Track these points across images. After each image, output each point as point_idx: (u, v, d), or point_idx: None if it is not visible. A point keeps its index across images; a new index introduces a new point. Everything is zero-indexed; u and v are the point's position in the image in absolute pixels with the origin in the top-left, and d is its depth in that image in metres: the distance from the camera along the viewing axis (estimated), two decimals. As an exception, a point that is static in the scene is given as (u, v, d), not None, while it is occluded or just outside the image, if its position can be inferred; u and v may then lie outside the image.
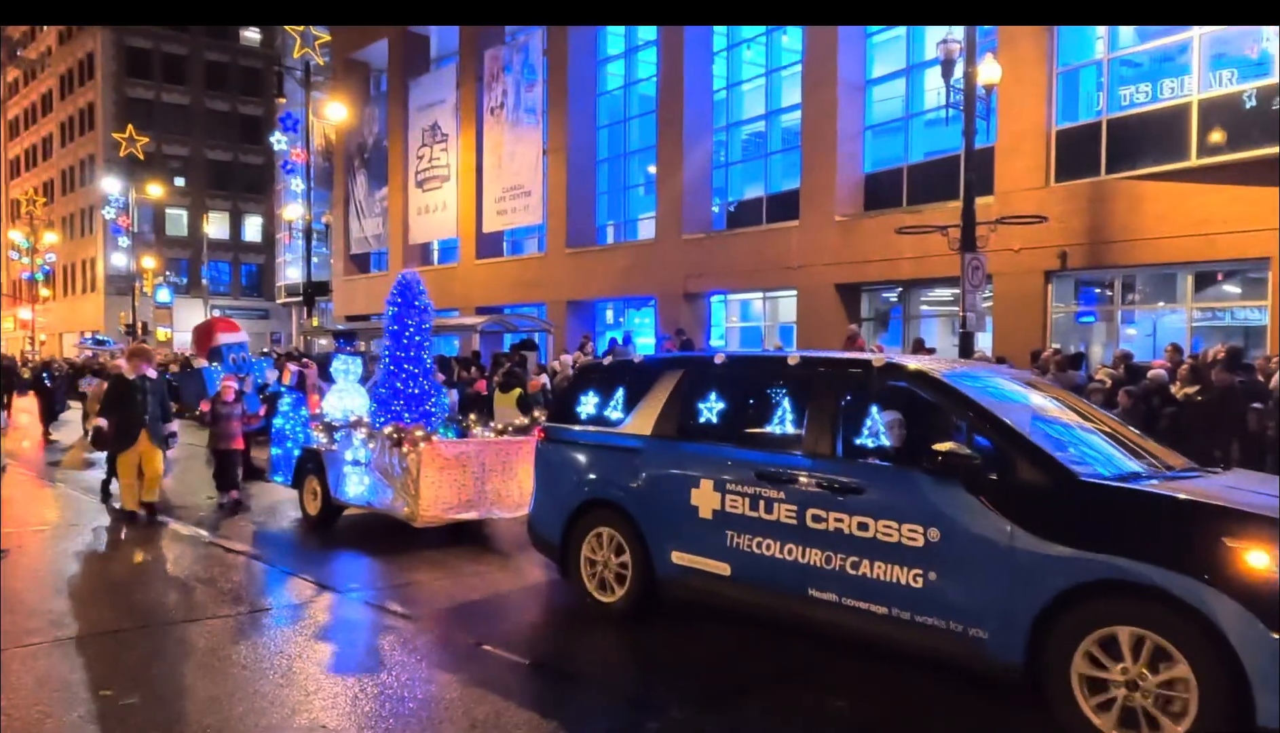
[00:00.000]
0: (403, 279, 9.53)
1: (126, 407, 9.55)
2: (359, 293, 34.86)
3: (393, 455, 8.40)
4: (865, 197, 19.57)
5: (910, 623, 4.76)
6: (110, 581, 7.55)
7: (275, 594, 7.22)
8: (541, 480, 6.89)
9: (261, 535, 9.30)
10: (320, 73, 35.05)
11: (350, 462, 8.98)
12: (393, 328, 9.29)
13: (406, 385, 9.16)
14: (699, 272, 22.06)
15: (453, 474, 8.29)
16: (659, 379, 6.27)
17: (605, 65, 26.29)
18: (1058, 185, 15.91)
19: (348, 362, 10.30)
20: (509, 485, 8.60)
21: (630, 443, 6.20)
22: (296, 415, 10.00)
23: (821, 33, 19.31)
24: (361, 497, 8.92)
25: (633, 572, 6.08)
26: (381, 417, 9.02)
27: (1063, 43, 16.15)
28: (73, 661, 5.44)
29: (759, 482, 5.43)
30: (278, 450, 10.17)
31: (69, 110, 60.61)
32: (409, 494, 8.26)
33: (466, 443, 8.61)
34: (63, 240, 59.37)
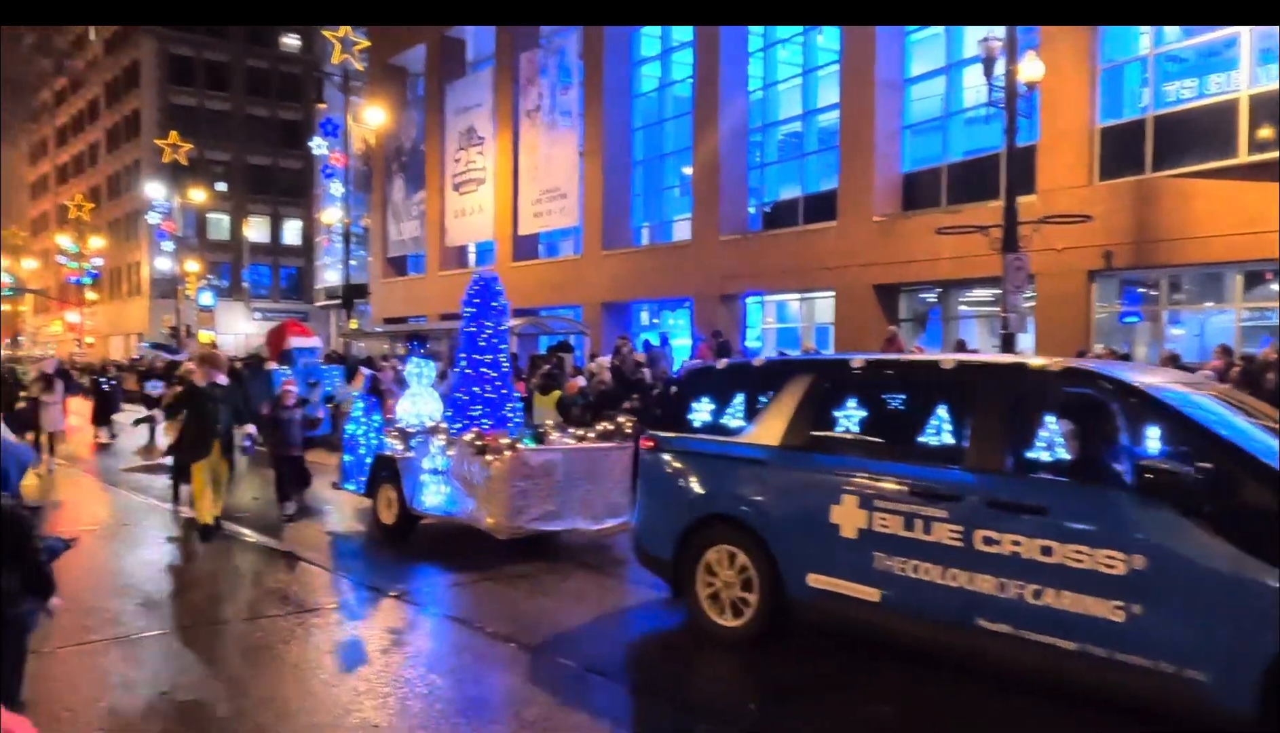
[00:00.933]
0: (480, 279, 9.12)
1: (199, 415, 9.08)
2: (397, 295, 35.21)
3: (474, 464, 8.01)
4: (904, 196, 19.41)
5: (1107, 662, 4.23)
6: (168, 582, 7.70)
7: (344, 602, 7.04)
8: (650, 493, 6.40)
9: (330, 544, 9.02)
10: (359, 78, 35.51)
11: (429, 470, 8.57)
12: (470, 330, 8.91)
13: (484, 389, 8.78)
14: (735, 273, 22.01)
15: (537, 484, 7.91)
16: (785, 384, 5.76)
17: (640, 67, 26.33)
18: (1101, 184, 15.67)
19: (421, 365, 9.92)
20: (593, 495, 8.21)
21: (755, 454, 5.70)
22: (369, 421, 9.59)
23: (859, 32, 19.19)
24: (440, 507, 8.53)
25: (759, 594, 5.56)
26: (459, 422, 8.65)
27: (1106, 39, 15.90)
28: (132, 658, 5.56)
29: (914, 499, 4.90)
30: (349, 458, 9.73)
31: (115, 118, 61.90)
32: (492, 504, 7.87)
33: (551, 451, 8.21)
34: (109, 245, 60.64)
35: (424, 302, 33.18)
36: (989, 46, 13.18)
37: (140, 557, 8.41)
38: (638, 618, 6.68)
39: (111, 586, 7.30)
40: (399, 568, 8.00)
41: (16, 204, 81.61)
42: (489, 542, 8.10)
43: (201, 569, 8.09)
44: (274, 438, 10.32)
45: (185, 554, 8.66)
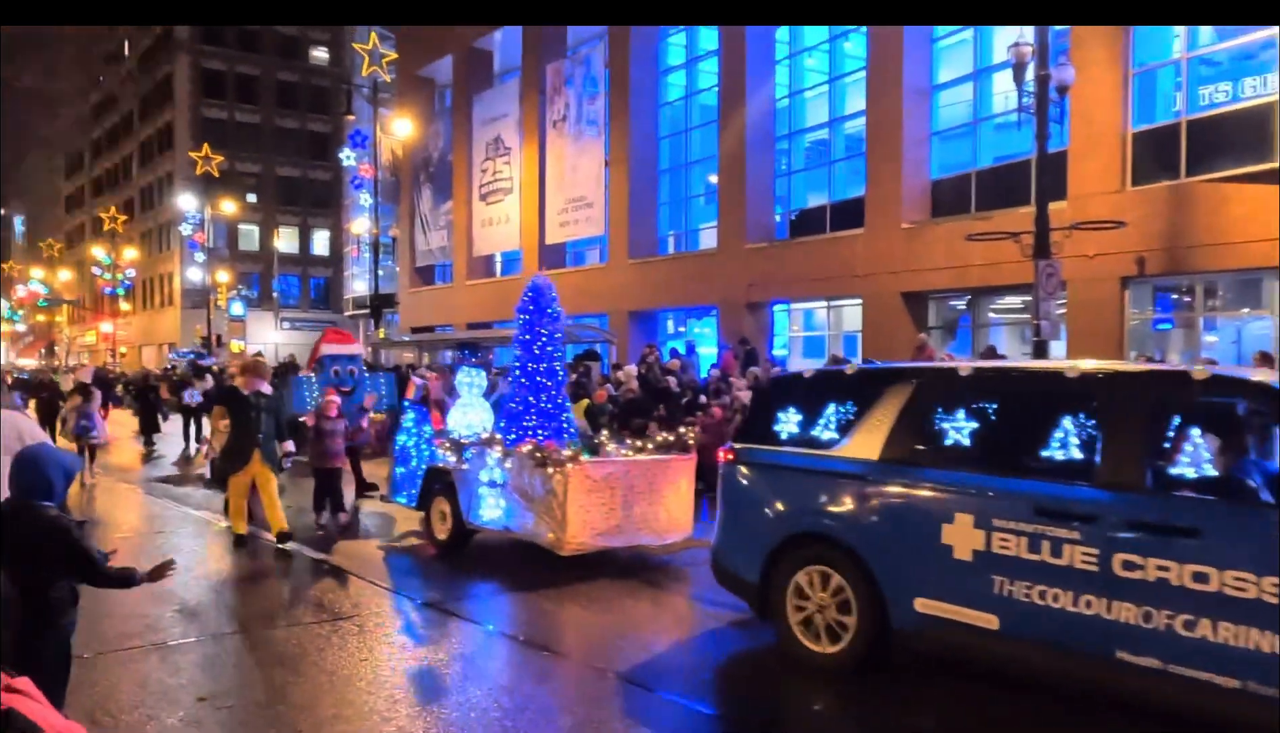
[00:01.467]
0: (535, 284, 8.83)
1: (240, 425, 8.93)
2: (424, 305, 35.47)
3: (534, 477, 7.73)
4: (932, 203, 19.29)
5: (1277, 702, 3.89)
6: (205, 590, 7.78)
7: (390, 615, 6.90)
8: (732, 509, 6.05)
9: (379, 558, 8.75)
10: (387, 90, 35.88)
11: (486, 483, 8.29)
12: (524, 337, 8.62)
13: (539, 399, 8.47)
14: (761, 281, 21.96)
15: (600, 497, 7.63)
16: (883, 393, 5.40)
17: (666, 76, 26.41)
18: (1134, 189, 15.48)
19: (472, 374, 9.65)
20: (656, 509, 7.93)
21: (852, 468, 5.35)
22: (420, 432, 9.32)
23: (886, 38, 19.13)
24: (498, 521, 8.25)
25: (858, 619, 5.21)
26: (513, 433, 8.37)
27: (1138, 43, 15.74)
28: (170, 665, 5.62)
29: (1039, 518, 4.53)
30: (401, 469, 9.45)
31: (148, 131, 62.93)
32: (554, 519, 7.57)
33: (614, 463, 7.94)
34: (142, 256, 61.59)
35: (451, 311, 33.40)
36: (1019, 52, 13.07)
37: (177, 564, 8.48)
38: (713, 639, 6.33)
39: (148, 593, 7.36)
40: (453, 583, 7.79)
41: (53, 217, 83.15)
42: (548, 558, 7.84)
43: (241, 578, 8.14)
44: (315, 449, 10.13)
45: (224, 563, 8.74)
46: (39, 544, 3.54)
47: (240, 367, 9.48)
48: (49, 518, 3.59)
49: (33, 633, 3.42)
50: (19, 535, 3.52)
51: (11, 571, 3.46)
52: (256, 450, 8.80)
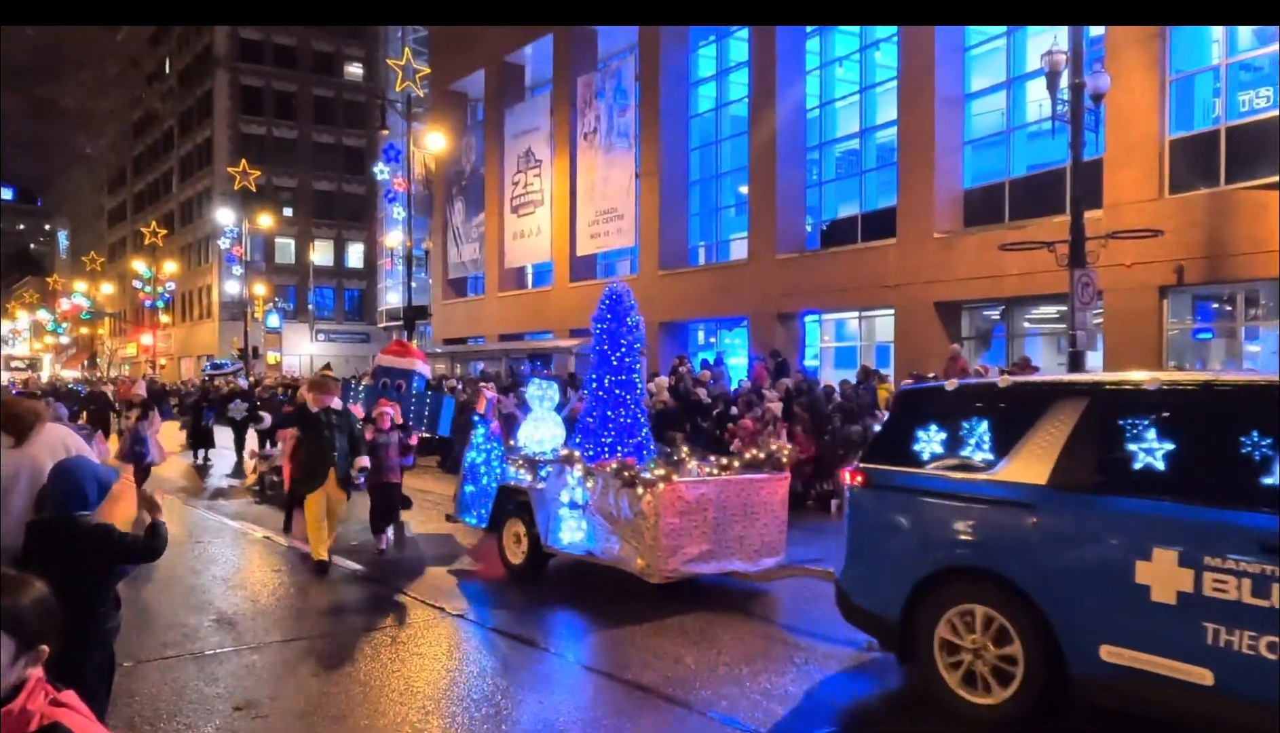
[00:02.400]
0: (612, 291, 8.42)
1: (312, 444, 8.56)
2: (457, 316, 35.76)
3: (621, 497, 7.21)
4: (965, 212, 19.15)
5: None
6: (243, 600, 7.89)
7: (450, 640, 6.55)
8: (865, 539, 5.51)
9: (444, 582, 8.26)
10: (420, 105, 36.29)
11: (566, 504, 7.76)
12: (602, 347, 8.21)
13: (618, 414, 8.02)
14: (792, 291, 21.89)
15: (693, 520, 7.12)
16: (1049, 410, 4.79)
17: (697, 87, 26.48)
18: (1172, 197, 15.26)
19: (543, 387, 9.16)
20: (749, 532, 7.44)
21: (1015, 495, 4.74)
22: (492, 448, 8.80)
23: (918, 48, 19.05)
24: (579, 545, 7.70)
25: (1025, 666, 4.61)
26: (590, 449, 7.99)
27: (1175, 49, 15.54)
28: (208, 675, 5.70)
29: (1266, 556, 3.93)
30: (470, 488, 8.96)
31: (188, 147, 64.17)
32: (643, 544, 7.05)
33: (707, 483, 7.39)
34: (181, 269, 62.71)
35: (483, 322, 33.64)
36: (1053, 59, 12.96)
37: (214, 574, 8.62)
38: (835, 683, 5.63)
39: (187, 603, 7.50)
40: (527, 609, 7.33)
41: (95, 231, 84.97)
42: (632, 586, 7.32)
43: (290, 594, 8.23)
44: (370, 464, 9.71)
45: (263, 574, 8.85)
46: (80, 554, 3.61)
47: (308, 383, 9.01)
48: (89, 527, 3.66)
49: (76, 642, 3.49)
50: (59, 546, 3.60)
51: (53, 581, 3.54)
52: (332, 470, 8.42)
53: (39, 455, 4.22)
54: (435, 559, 9.24)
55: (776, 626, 6.84)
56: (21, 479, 4.20)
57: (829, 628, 6.32)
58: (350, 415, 8.90)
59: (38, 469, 4.19)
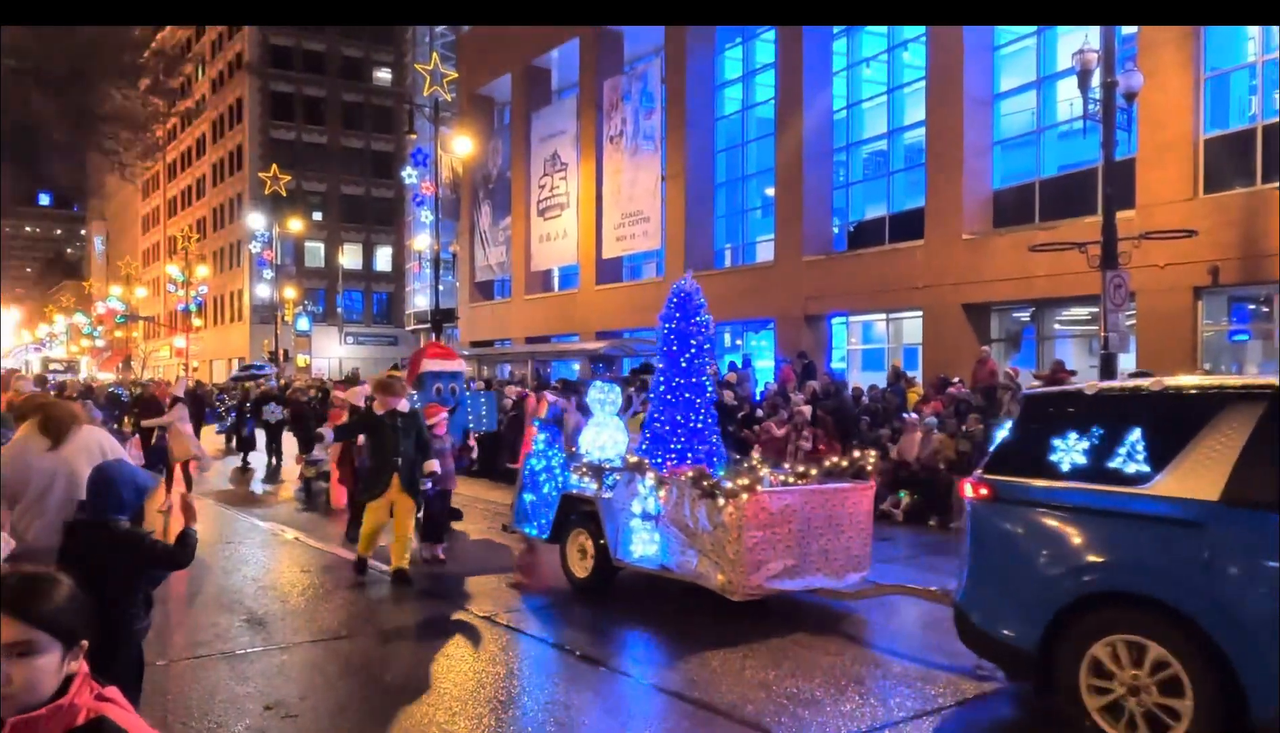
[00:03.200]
0: (681, 288, 8.00)
1: (377, 449, 8.14)
2: (484, 319, 35.95)
3: (698, 508, 6.78)
4: (994, 213, 18.97)
5: None
6: (274, 600, 7.97)
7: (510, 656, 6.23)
8: (993, 558, 5.01)
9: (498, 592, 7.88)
10: (448, 109, 36.51)
11: (639, 514, 7.30)
12: (670, 348, 7.82)
13: (688, 418, 7.63)
14: (819, 293, 21.79)
15: (777, 533, 6.68)
16: (1217, 416, 4.31)
17: (723, 90, 26.44)
18: (1207, 197, 15.03)
19: (605, 390, 8.72)
20: (834, 546, 6.99)
21: (1179, 512, 4.25)
22: (553, 455, 8.41)
23: (946, 47, 18.90)
24: (652, 559, 7.23)
25: (1195, 707, 4.09)
26: (658, 456, 7.61)
27: (1210, 47, 15.30)
28: (239, 674, 5.76)
29: None
30: (530, 496, 8.56)
31: (220, 153, 65.09)
32: (725, 558, 6.59)
33: (791, 493, 6.95)
34: (213, 274, 63.58)
35: (510, 325, 33.79)
36: (1084, 58, 12.80)
37: (245, 574, 8.71)
38: (960, 718, 5.09)
39: (218, 602, 7.58)
40: (596, 628, 6.87)
41: (130, 236, 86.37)
42: (709, 602, 6.84)
43: (320, 594, 8.29)
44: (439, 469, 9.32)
45: (293, 574, 8.93)
46: (114, 557, 3.67)
47: (374, 385, 8.45)
48: (122, 532, 3.72)
49: (107, 641, 3.54)
50: (92, 549, 3.66)
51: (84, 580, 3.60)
52: (395, 475, 7.95)
53: (75, 459, 4.30)
54: (489, 570, 8.80)
55: (870, 648, 6.31)
56: (59, 482, 4.27)
57: (927, 651, 6.00)
58: (418, 417, 8.39)
59: (74, 472, 4.26)
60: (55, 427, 4.34)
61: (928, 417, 12.81)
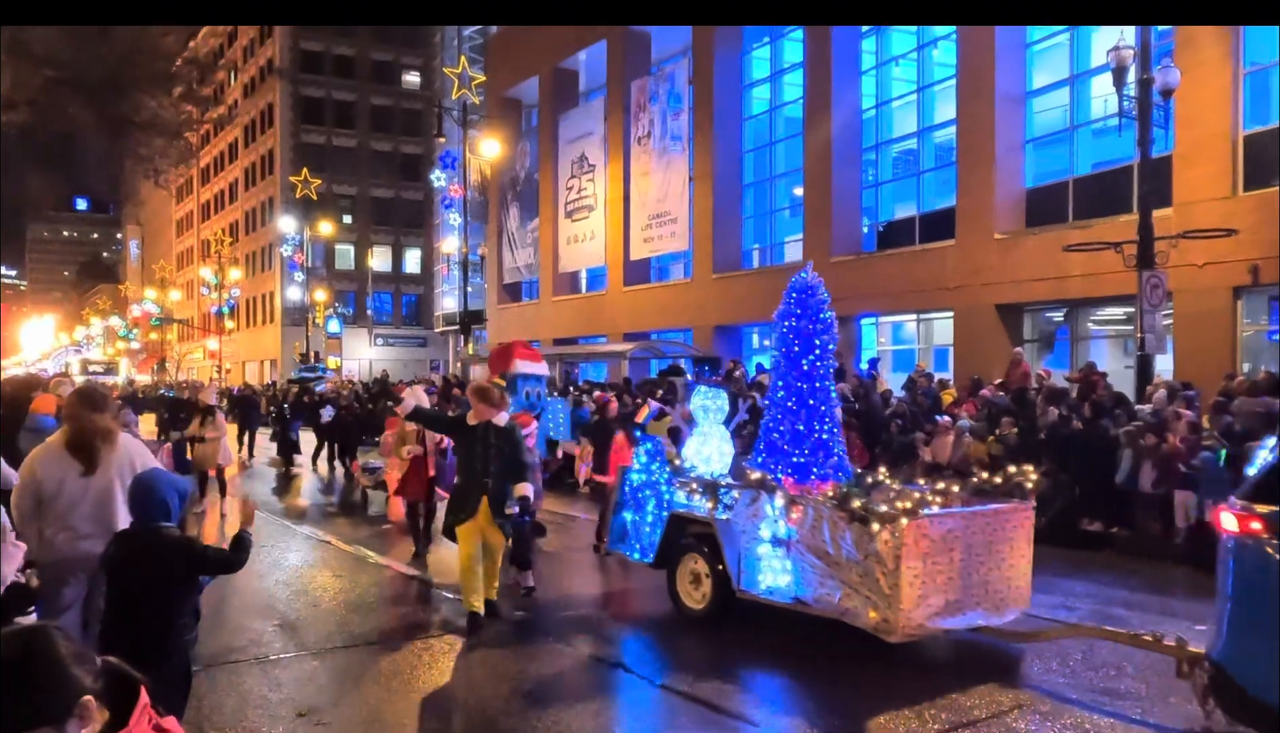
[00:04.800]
0: (803, 283, 7.19)
1: (464, 465, 7.12)
2: (512, 321, 36.08)
3: (841, 534, 6.01)
4: (1027, 212, 18.72)
5: None
6: (306, 606, 8.02)
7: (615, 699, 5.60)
8: (1270, 606, 4.07)
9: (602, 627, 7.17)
10: (476, 112, 36.71)
11: (768, 539, 6.53)
12: (790, 349, 7.10)
13: (811, 428, 6.90)
14: (848, 294, 21.56)
15: (939, 563, 5.88)
16: None
17: (751, 90, 26.33)
18: (1246, 195, 14.72)
19: (709, 396, 7.87)
20: (994, 576, 6.15)
21: None
22: (657, 469, 7.54)
23: (977, 45, 18.68)
24: (784, 591, 6.44)
25: None
26: (777, 470, 6.91)
27: (1249, 42, 14.99)
28: (272, 680, 5.80)
29: None
30: (630, 515, 7.70)
31: (252, 157, 65.91)
32: (879, 593, 5.78)
33: (953, 517, 6.12)
34: (246, 276, 64.38)
35: (538, 327, 33.89)
36: (1119, 55, 12.60)
37: (277, 578, 8.78)
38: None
39: (252, 607, 7.64)
40: (715, 668, 5.97)
41: (164, 240, 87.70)
42: (852, 641, 6.01)
43: (351, 599, 8.33)
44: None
45: (335, 584, 8.97)
46: (165, 564, 3.71)
47: (472, 391, 7.38)
48: (173, 538, 3.76)
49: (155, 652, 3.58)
50: (145, 557, 3.70)
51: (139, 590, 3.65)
52: (485, 499, 6.87)
53: (107, 477, 4.35)
54: (581, 595, 8.10)
55: (1066, 701, 5.35)
56: (88, 497, 4.33)
57: (1130, 704, 5.19)
58: (516, 434, 7.18)
59: (105, 489, 4.31)
60: (87, 453, 4.37)
61: (961, 419, 12.67)
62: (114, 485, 4.33)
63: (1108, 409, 11.82)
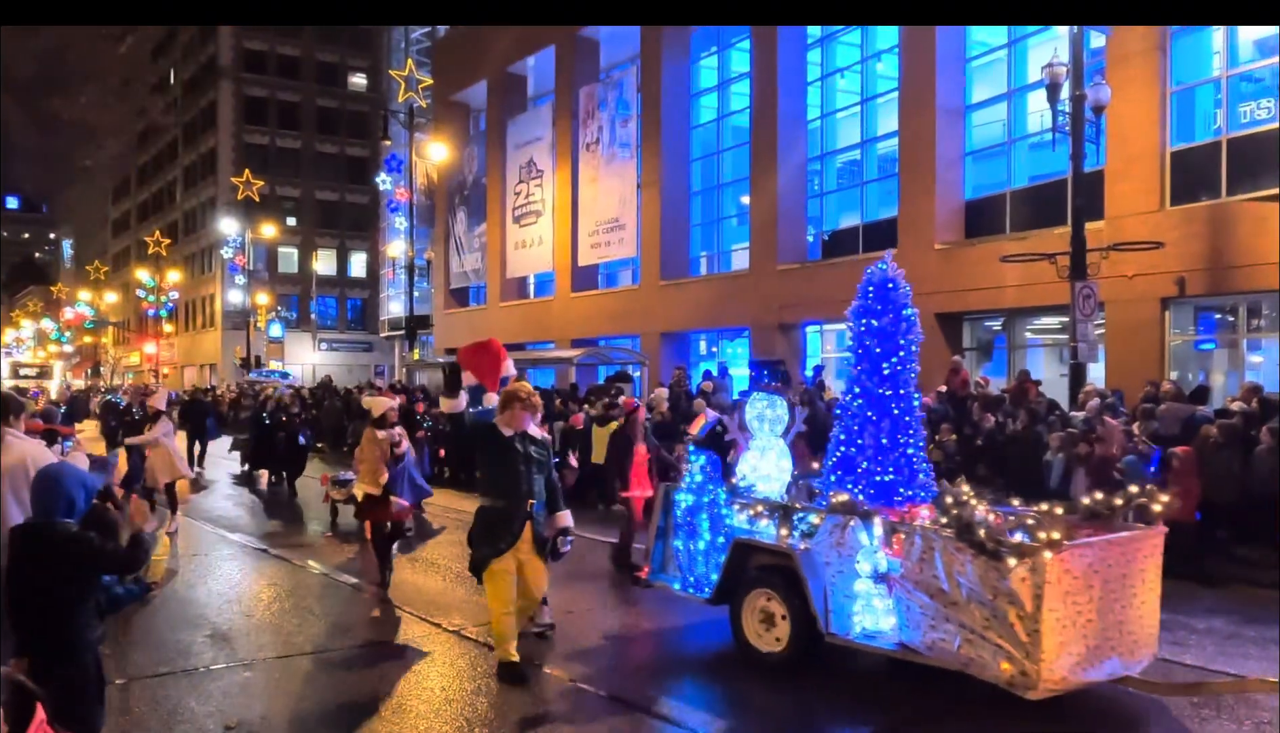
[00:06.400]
0: (883, 275, 6.44)
1: (502, 483, 5.93)
2: (459, 326, 35.75)
3: (959, 567, 5.13)
4: (966, 223, 19.13)
5: None
6: (240, 616, 7.84)
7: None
8: None
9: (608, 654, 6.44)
10: (423, 115, 36.36)
11: (868, 574, 5.65)
12: (870, 349, 6.30)
13: (895, 441, 6.08)
14: (793, 302, 21.86)
15: (1079, 603, 5.01)
16: None
17: (698, 98, 26.52)
18: (1174, 208, 15.23)
19: (766, 404, 7.04)
20: (1127, 615, 5.27)
21: None
22: (713, 488, 6.56)
23: (919, 59, 19.06)
24: (887, 635, 5.56)
25: None
26: (855, 489, 6.07)
27: (1176, 61, 15.53)
28: (201, 693, 5.65)
29: None
30: (683, 543, 6.69)
31: (191, 157, 64.43)
32: (1014, 640, 4.90)
33: (1090, 547, 5.19)
34: (185, 279, 62.85)
35: (485, 332, 33.45)
36: (1053, 72, 12.95)
37: (210, 588, 8.57)
38: None
39: (182, 618, 7.45)
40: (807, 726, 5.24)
41: (99, 241, 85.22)
42: (970, 692, 5.16)
43: (286, 608, 8.15)
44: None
45: (269, 593, 8.78)
46: (60, 560, 3.58)
47: (506, 396, 6.18)
48: (68, 534, 3.63)
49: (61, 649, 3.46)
50: (41, 553, 3.57)
51: (35, 588, 3.52)
52: (529, 524, 5.90)
53: None
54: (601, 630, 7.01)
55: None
56: None
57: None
58: (549, 448, 6.33)
59: None
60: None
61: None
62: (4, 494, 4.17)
63: (1041, 416, 12.12)
